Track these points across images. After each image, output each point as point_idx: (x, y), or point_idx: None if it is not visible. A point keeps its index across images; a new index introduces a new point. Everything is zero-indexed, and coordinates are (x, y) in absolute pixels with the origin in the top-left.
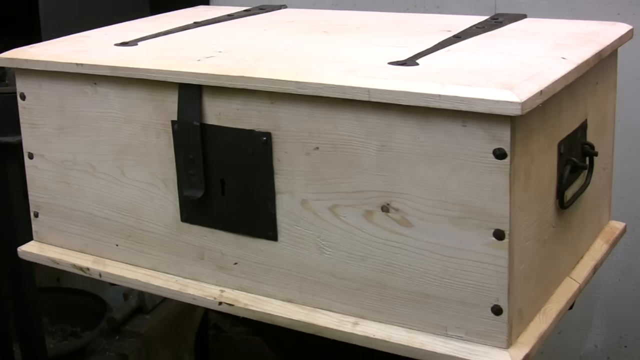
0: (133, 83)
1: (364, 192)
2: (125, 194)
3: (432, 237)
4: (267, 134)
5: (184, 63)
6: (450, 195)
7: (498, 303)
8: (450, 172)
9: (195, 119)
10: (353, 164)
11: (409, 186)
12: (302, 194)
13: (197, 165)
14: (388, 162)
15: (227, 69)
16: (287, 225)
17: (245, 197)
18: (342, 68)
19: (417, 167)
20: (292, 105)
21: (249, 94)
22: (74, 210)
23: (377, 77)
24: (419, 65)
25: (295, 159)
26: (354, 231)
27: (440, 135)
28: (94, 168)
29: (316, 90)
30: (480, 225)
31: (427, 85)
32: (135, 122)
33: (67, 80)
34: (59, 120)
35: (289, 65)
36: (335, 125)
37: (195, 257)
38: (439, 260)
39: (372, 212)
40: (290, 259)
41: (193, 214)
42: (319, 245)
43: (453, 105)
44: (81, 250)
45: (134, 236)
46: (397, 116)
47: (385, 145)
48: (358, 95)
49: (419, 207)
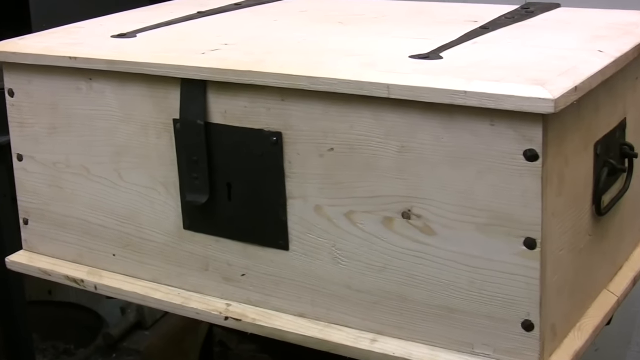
0: (132, 78)
1: (382, 197)
2: (123, 200)
3: (457, 246)
4: (278, 133)
5: (187, 57)
6: (476, 200)
7: (529, 318)
8: (476, 176)
9: (199, 118)
10: (371, 166)
11: (431, 191)
12: (315, 199)
13: (202, 168)
14: (409, 165)
15: (234, 63)
16: (300, 234)
17: (253, 203)
18: (359, 62)
19: (440, 169)
20: (304, 103)
21: (257, 91)
22: (67, 217)
23: (397, 72)
24: (442, 59)
25: (308, 161)
26: (372, 240)
27: (466, 136)
28: (89, 171)
29: (331, 86)
30: (509, 234)
31: (451, 80)
32: (134, 121)
33: (60, 76)
34: (51, 119)
35: (301, 59)
36: (352, 125)
37: (199, 268)
38: (465, 271)
39: (391, 219)
40: (302, 270)
41: (197, 221)
42: (334, 255)
43: (480, 103)
44: (75, 261)
45: (132, 245)
46: (419, 114)
47: (405, 146)
48: (376, 92)
49: (443, 214)
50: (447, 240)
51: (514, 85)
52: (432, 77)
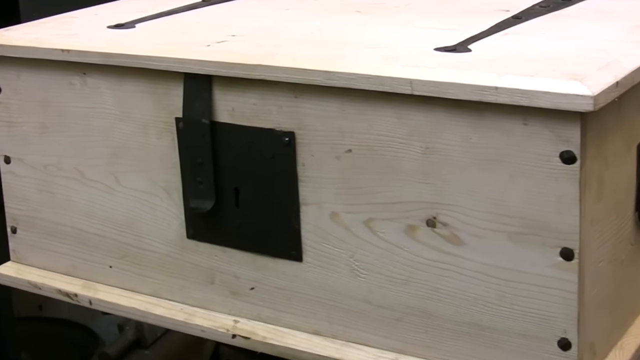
0: (129, 73)
1: (405, 203)
2: (120, 206)
3: (486, 257)
4: (290, 133)
5: (191, 49)
6: (508, 206)
7: (566, 336)
8: (508, 180)
9: (204, 116)
10: (392, 169)
11: (459, 196)
12: (331, 206)
13: (207, 171)
14: (434, 168)
15: (242, 56)
16: (314, 243)
17: (263, 210)
18: (379, 55)
19: (468, 173)
20: (319, 100)
21: (268, 86)
22: (59, 225)
23: (421, 66)
24: (471, 51)
25: (324, 164)
26: (393, 250)
27: (497, 136)
28: (83, 174)
29: (348, 81)
30: (544, 243)
31: (481, 75)
32: (133, 119)
33: (51, 70)
34: (41, 118)
35: (315, 51)
36: (371, 124)
37: (204, 280)
38: (495, 284)
39: (415, 227)
40: (317, 283)
41: (201, 230)
42: (351, 267)
43: (512, 100)
44: (68, 273)
45: (130, 256)
46: (445, 112)
47: (430, 147)
48: (399, 88)
49: (471, 221)
50: (476, 251)
51: (549, 81)
52: (460, 71)
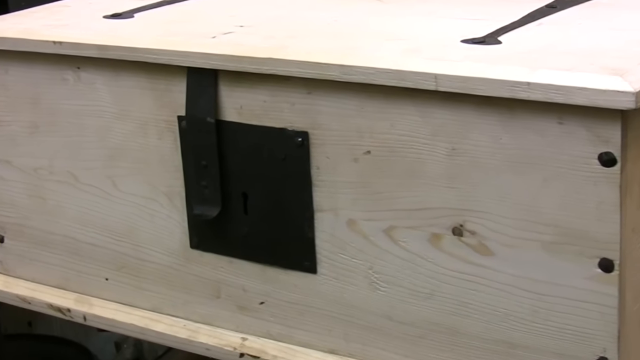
0: (127, 67)
1: (429, 210)
2: (117, 212)
3: (518, 268)
4: (303, 133)
5: (194, 41)
6: (541, 213)
7: (605, 355)
8: (542, 184)
9: (209, 114)
10: (415, 172)
11: (488, 202)
12: (348, 212)
13: (212, 174)
14: (461, 171)
15: (251, 48)
16: (329, 253)
17: (274, 217)
18: (401, 47)
19: (498, 176)
20: (335, 97)
21: (279, 82)
22: (51, 234)
23: (447, 60)
24: (501, 43)
25: (340, 167)
26: (416, 260)
27: (529, 136)
28: (77, 178)
29: (367, 76)
30: (581, 253)
31: (512, 70)
32: (131, 118)
33: (42, 64)
34: (31, 116)
35: (331, 43)
36: (392, 123)
37: (209, 294)
38: (528, 298)
39: (440, 235)
40: (333, 297)
41: (206, 239)
42: (370, 279)
43: (546, 96)
44: (60, 286)
45: (128, 267)
46: (472, 110)
47: (457, 148)
48: (422, 83)
49: (501, 230)
50: (506, 262)
51: (586, 75)
52: (489, 65)
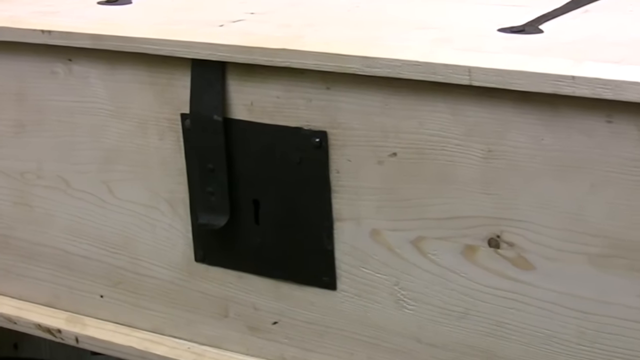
0: (125, 59)
1: (462, 219)
2: (113, 222)
3: (561, 284)
4: (322, 133)
5: (200, 30)
6: (588, 223)
7: None
8: (588, 190)
9: (215, 112)
10: (447, 177)
11: (528, 210)
12: (372, 222)
13: (219, 179)
14: (498, 175)
15: (263, 38)
16: (351, 268)
17: (288, 227)
18: (431, 37)
19: (540, 182)
20: (357, 92)
21: (294, 76)
22: (39, 245)
23: (482, 51)
24: (542, 32)
25: (363, 171)
26: (448, 275)
27: (575, 136)
28: (68, 183)
29: (393, 69)
30: (632, 268)
31: (555, 62)
32: (129, 116)
33: (29, 56)
34: (17, 114)
35: (353, 33)
36: (421, 121)
37: (216, 313)
38: (573, 318)
39: (474, 247)
40: (355, 316)
41: (213, 251)
42: (396, 297)
43: (593, 92)
44: (49, 304)
45: (126, 283)
46: (511, 108)
47: (493, 150)
48: (454, 78)
49: (543, 241)
50: (549, 277)
51: (638, 69)
52: (529, 57)
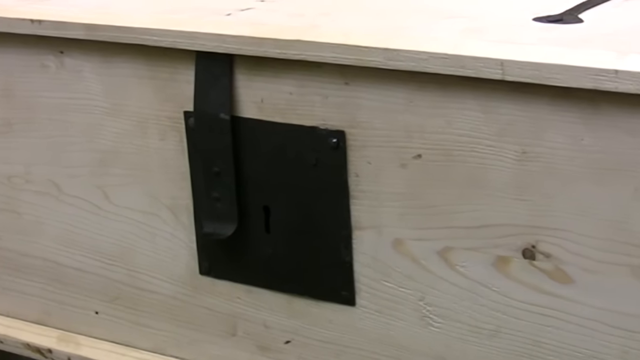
0: (122, 51)
1: (494, 227)
2: (109, 231)
3: (603, 299)
4: (339, 133)
5: (205, 19)
6: (632, 232)
7: None
8: (633, 195)
9: (222, 110)
10: (477, 181)
11: (566, 217)
12: (394, 231)
13: (226, 183)
14: (533, 179)
15: (274, 29)
16: (371, 281)
17: (302, 236)
18: (460, 27)
19: (579, 186)
20: (379, 88)
21: (309, 70)
22: (28, 257)
23: (516, 42)
24: (582, 22)
25: (384, 174)
26: (478, 290)
27: (617, 136)
28: (60, 188)
29: (418, 63)
30: None
31: (596, 55)
32: (126, 114)
33: (17, 48)
34: (3, 112)
35: (373, 22)
36: (449, 120)
37: (222, 331)
38: (616, 336)
39: (507, 259)
40: (375, 334)
41: (219, 263)
42: (421, 313)
43: (638, 87)
44: (39, 321)
45: (124, 298)
46: (547, 105)
47: (528, 151)
48: (486, 72)
49: (583, 252)
50: (589, 291)
51: None
52: (567, 49)
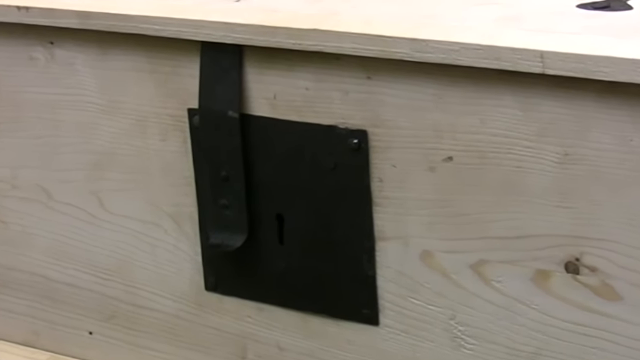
0: (119, 42)
1: (533, 238)
2: (105, 242)
3: None
4: (361, 133)
5: (212, 6)
6: None
7: None
8: None
9: (230, 107)
10: (514, 186)
11: (613, 227)
12: (422, 242)
13: (235, 189)
14: (577, 184)
15: (289, 16)
16: (396, 298)
17: (320, 248)
18: (495, 15)
19: (628, 192)
20: (404, 83)
21: (327, 63)
22: (14, 271)
23: (558, 32)
24: (632, 9)
25: (411, 179)
26: (515, 307)
27: None
28: (50, 195)
29: (448, 54)
30: None
31: None
32: (124, 111)
33: (2, 38)
34: None
35: (399, 9)
36: (483, 118)
37: (231, 353)
38: None
39: (548, 273)
40: (401, 357)
41: (227, 278)
42: (453, 334)
43: None
44: (27, 342)
45: (120, 317)
46: (593, 102)
47: (571, 153)
48: (524, 65)
49: (632, 265)
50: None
51: None
52: (615, 39)
